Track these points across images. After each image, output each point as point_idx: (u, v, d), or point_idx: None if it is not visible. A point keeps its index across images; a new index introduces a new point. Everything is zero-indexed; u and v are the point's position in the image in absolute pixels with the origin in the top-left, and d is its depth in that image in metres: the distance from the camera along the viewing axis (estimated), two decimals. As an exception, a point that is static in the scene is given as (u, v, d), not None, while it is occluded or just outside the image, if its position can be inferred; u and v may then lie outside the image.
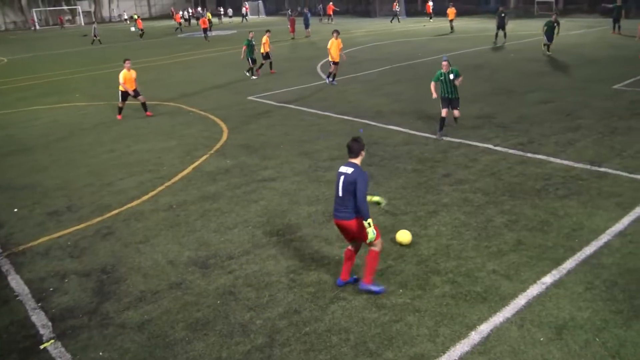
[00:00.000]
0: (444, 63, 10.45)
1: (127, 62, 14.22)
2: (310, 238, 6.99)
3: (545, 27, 21.96)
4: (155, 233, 7.45)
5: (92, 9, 78.86)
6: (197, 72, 23.00)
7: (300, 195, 8.45)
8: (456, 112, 10.99)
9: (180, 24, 51.36)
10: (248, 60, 20.31)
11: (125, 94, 14.30)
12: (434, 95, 10.91)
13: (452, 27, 35.12)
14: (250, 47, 20.26)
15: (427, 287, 5.70)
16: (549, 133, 10.93)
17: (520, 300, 5.36)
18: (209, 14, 51.93)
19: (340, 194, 5.39)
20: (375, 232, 5.26)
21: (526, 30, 34.51)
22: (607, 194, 7.75)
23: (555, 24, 21.90)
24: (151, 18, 77.18)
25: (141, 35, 43.49)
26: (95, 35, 40.12)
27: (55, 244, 7.32)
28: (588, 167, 8.85)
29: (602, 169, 8.73)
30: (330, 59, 17.64)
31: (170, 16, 72.92)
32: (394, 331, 5.02)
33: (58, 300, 5.92)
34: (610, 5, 30.04)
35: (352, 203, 5.31)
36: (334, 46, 17.34)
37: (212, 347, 4.99)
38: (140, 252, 6.94)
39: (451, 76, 10.50)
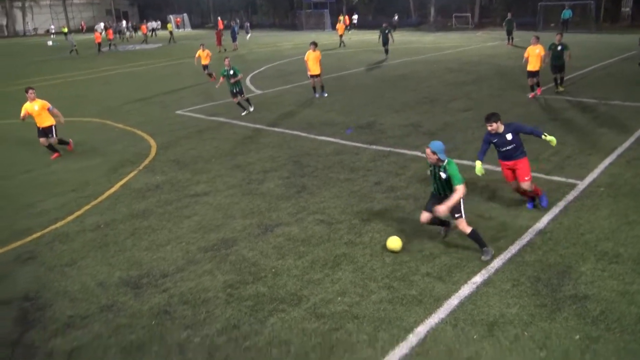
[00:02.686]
0: (434, 157, 6.21)
1: (30, 91, 11.31)
2: (247, 251, 6.92)
3: (551, 53, 15.73)
4: (83, 255, 7.09)
5: (5, 23, 74.57)
6: (121, 87, 22.23)
7: (234, 209, 8.35)
8: (460, 224, 6.36)
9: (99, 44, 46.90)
10: (234, 92, 15.34)
11: (40, 130, 11.49)
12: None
13: (341, 42, 35.76)
14: (231, 78, 15.19)
15: (364, 294, 5.79)
16: (471, 139, 11.48)
17: (454, 301, 5.55)
18: (169, 25, 49.93)
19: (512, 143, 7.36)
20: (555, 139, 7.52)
21: (446, 42, 36.18)
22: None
23: (562, 47, 15.58)
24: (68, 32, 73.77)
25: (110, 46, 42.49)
26: (73, 45, 39.18)
27: (-30, 272, 6.79)
28: (509, 170, 9.35)
29: (522, 172, 9.24)
30: (308, 73, 16.98)
31: (81, 30, 69.95)
32: (334, 340, 5.05)
33: (-25, 333, 5.49)
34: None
35: (522, 145, 7.46)
36: (311, 58, 16.66)
37: (148, 370, 4.80)
38: (66, 275, 6.58)
39: (443, 175, 6.27)
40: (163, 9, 78.46)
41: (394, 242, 6.64)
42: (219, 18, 55.78)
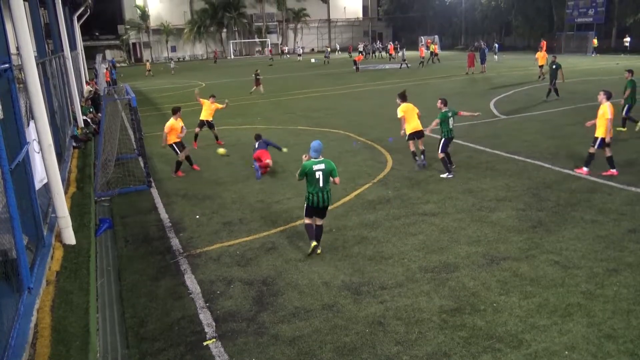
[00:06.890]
0: None
1: (179, 112, 12.19)
2: (468, 280, 6.67)
3: None
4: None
5: (280, 42, 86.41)
6: (368, 103, 23.66)
7: (460, 234, 8.14)
8: None
9: (423, 58, 44.02)
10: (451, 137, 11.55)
11: (179, 144, 12.36)
12: None
13: (542, 74, 28.55)
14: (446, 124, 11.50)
15: (598, 355, 5.05)
16: None
17: None
18: (433, 46, 49.15)
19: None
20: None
21: None
22: None
23: None
24: (331, 51, 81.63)
25: (426, 63, 43.20)
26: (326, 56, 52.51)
27: (226, 251, 8.01)
28: None
29: None
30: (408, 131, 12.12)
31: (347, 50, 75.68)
32: (555, 397, 4.52)
33: (223, 304, 6.45)
34: None
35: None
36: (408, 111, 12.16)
37: (357, 375, 4.98)
38: (298, 269, 7.27)
39: None
40: (416, 30, 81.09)
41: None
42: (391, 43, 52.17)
